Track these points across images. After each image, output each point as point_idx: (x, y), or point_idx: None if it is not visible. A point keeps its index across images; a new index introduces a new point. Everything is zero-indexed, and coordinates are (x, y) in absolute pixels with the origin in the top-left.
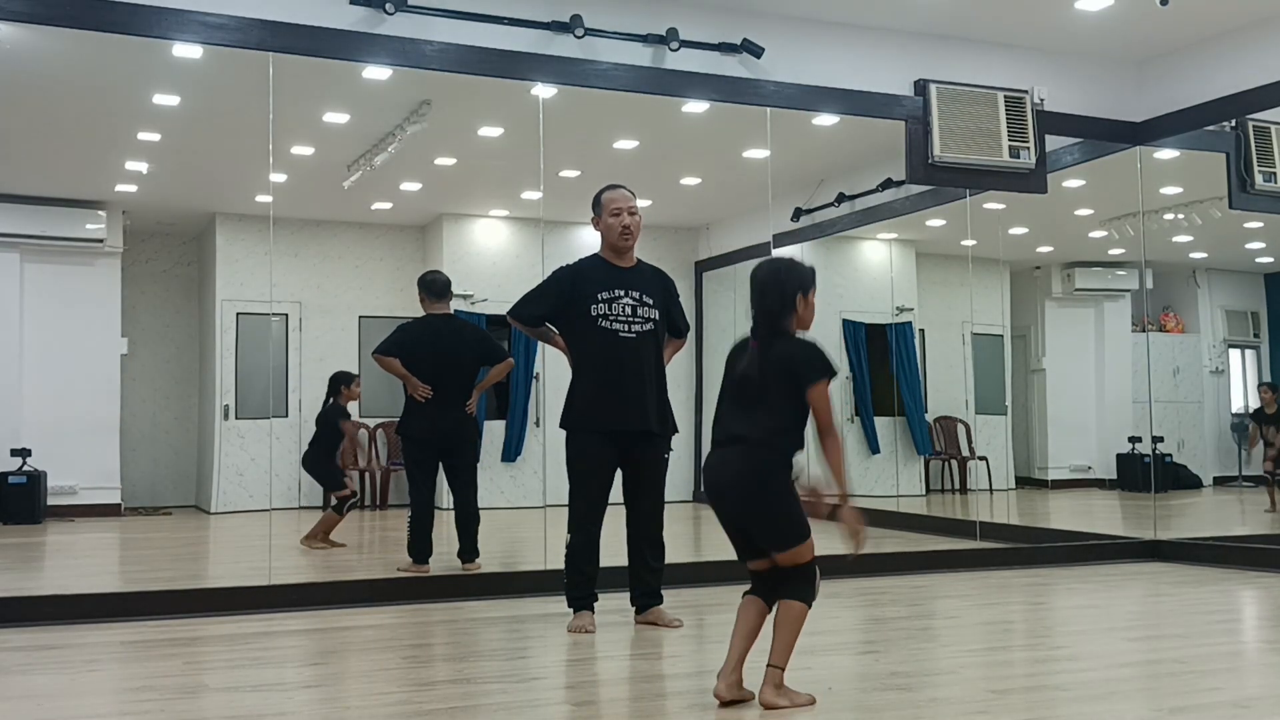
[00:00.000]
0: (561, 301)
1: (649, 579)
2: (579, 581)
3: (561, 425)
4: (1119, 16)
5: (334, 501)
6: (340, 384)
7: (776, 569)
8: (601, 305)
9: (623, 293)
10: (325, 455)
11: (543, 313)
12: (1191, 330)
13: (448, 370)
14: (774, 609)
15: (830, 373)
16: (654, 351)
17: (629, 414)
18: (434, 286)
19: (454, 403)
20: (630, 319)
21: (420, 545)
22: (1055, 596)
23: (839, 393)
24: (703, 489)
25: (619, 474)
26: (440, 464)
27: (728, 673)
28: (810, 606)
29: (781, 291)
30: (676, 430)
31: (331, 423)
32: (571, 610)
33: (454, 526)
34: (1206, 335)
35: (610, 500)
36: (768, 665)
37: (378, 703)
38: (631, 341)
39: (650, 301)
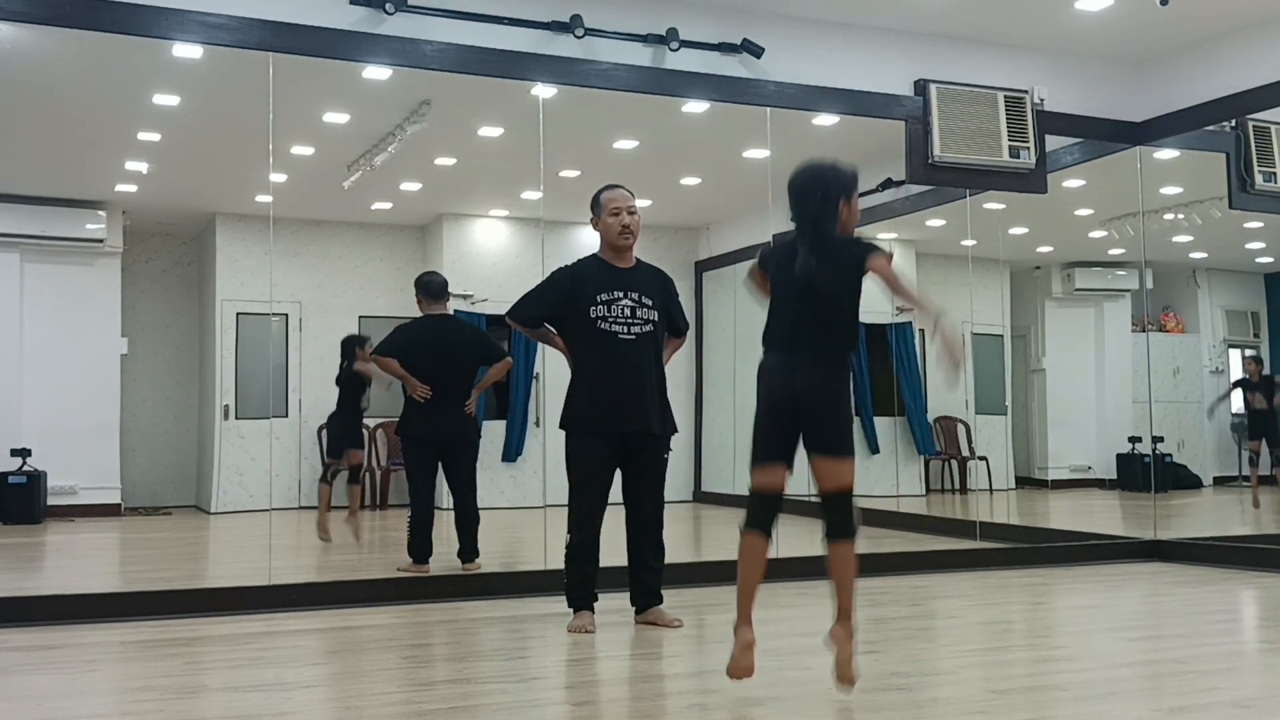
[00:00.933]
0: (560, 302)
1: (649, 579)
2: (579, 581)
3: (561, 426)
4: (1119, 16)
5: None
6: (354, 346)
7: (824, 496)
8: (600, 307)
9: (622, 294)
10: (339, 416)
11: (541, 314)
12: (1191, 330)
13: (446, 370)
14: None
15: (882, 250)
16: (653, 352)
17: (629, 415)
18: (431, 287)
19: (453, 403)
20: (629, 320)
21: (420, 545)
22: (1055, 596)
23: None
24: (762, 385)
25: (619, 474)
26: (440, 464)
27: (744, 637)
28: (855, 540)
29: (825, 193)
30: (676, 430)
31: (350, 378)
32: (571, 610)
33: (454, 526)
34: (1206, 335)
35: (610, 500)
36: (841, 620)
37: (378, 703)
38: (631, 343)
39: (650, 302)
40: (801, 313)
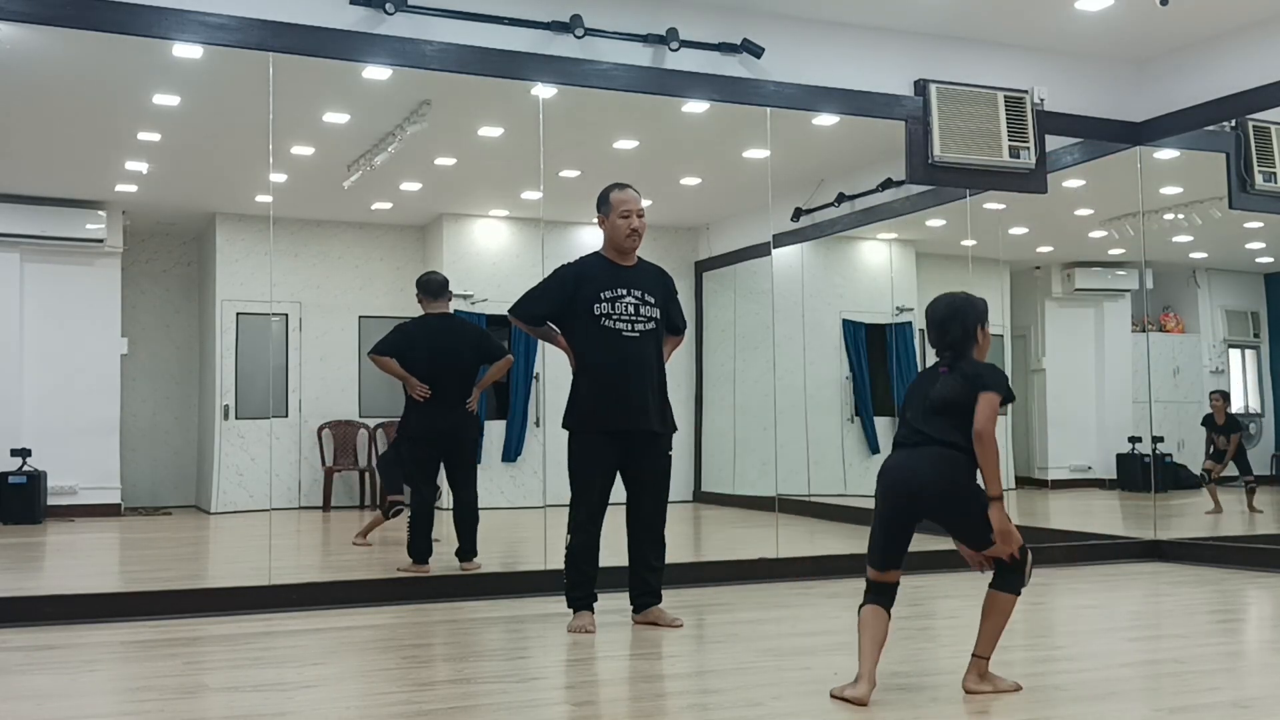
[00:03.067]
0: (564, 300)
1: (649, 578)
2: (579, 581)
3: (564, 425)
4: (1119, 16)
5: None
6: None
7: (998, 562)
8: (605, 305)
9: (625, 291)
10: (393, 454)
11: (545, 311)
12: (1191, 330)
13: (447, 369)
14: (986, 599)
15: (1005, 393)
16: (655, 351)
17: (632, 414)
18: (430, 286)
19: (454, 402)
20: (634, 318)
21: (420, 545)
22: (1055, 596)
23: (839, 392)
24: (883, 486)
25: (620, 474)
26: (441, 464)
27: (867, 679)
28: (1019, 595)
29: (964, 324)
30: (676, 429)
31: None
32: (571, 610)
33: (453, 526)
34: (1206, 335)
35: (611, 500)
36: (974, 655)
37: (378, 703)
38: (635, 341)
39: (652, 300)
40: (920, 418)
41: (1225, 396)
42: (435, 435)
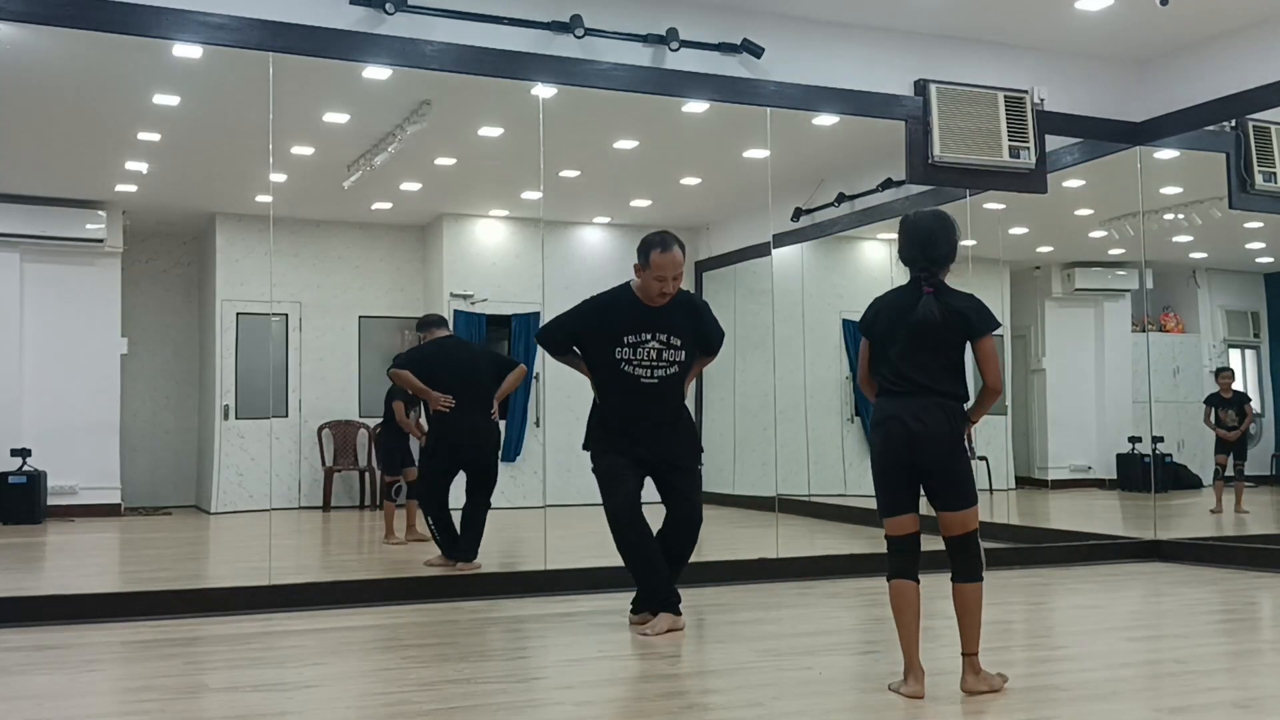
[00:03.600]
0: (588, 332)
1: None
2: (647, 574)
3: (585, 448)
4: (1119, 16)
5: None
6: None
7: (950, 540)
8: (626, 350)
9: (649, 336)
10: (385, 435)
11: (569, 342)
12: (1191, 330)
13: (469, 385)
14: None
15: (997, 325)
16: (674, 393)
17: (648, 447)
18: (434, 319)
19: (476, 415)
20: (654, 364)
21: (453, 542)
22: (1055, 596)
23: (839, 392)
24: (879, 433)
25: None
26: (462, 470)
27: (917, 673)
28: (982, 581)
29: (950, 239)
30: (702, 450)
31: (387, 401)
32: (648, 612)
33: (459, 524)
34: (1206, 335)
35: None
36: (964, 655)
37: (378, 703)
38: (653, 388)
39: (678, 342)
40: (912, 358)
41: (1231, 374)
42: (461, 446)
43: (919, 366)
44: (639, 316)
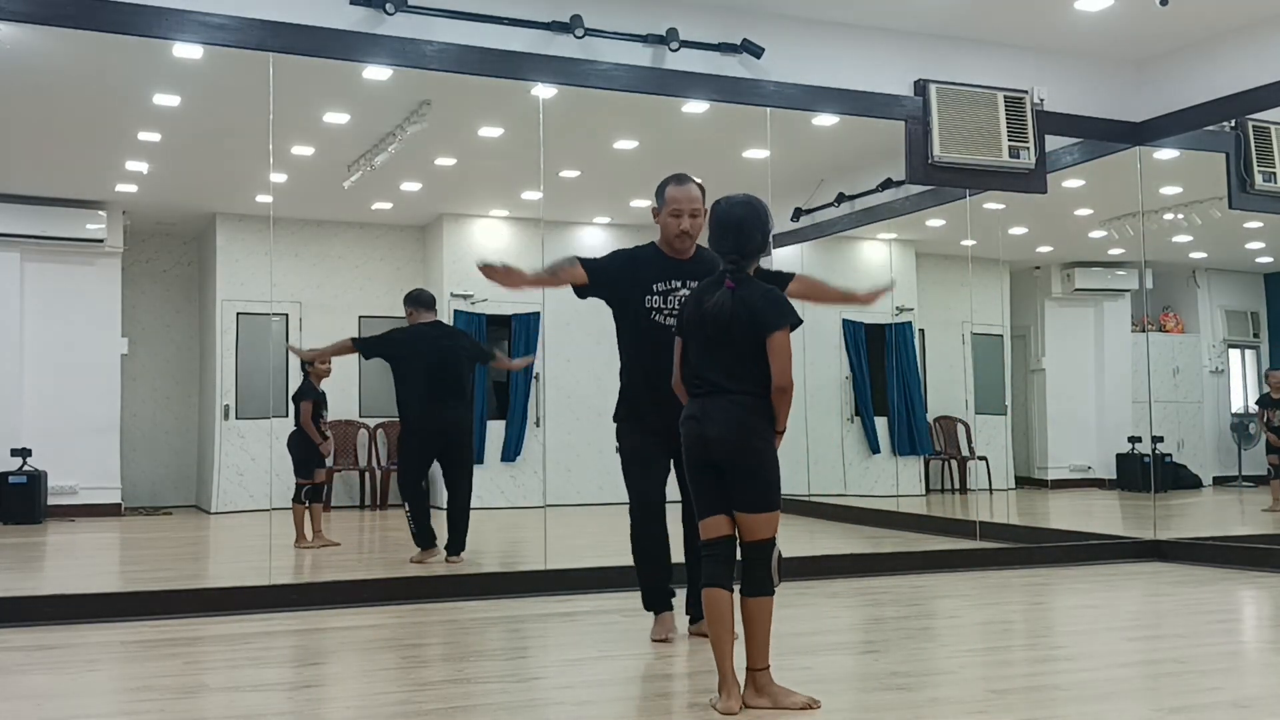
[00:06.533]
0: (620, 275)
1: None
2: (652, 573)
3: (615, 419)
4: (1119, 16)
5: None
6: (305, 364)
7: (743, 547)
8: (656, 298)
9: (680, 284)
10: (295, 436)
11: (599, 275)
12: (1191, 330)
13: (445, 370)
14: (738, 606)
15: (794, 320)
16: None
17: (677, 411)
18: (424, 298)
19: (451, 401)
20: None
21: (426, 531)
22: (1055, 596)
23: (839, 392)
24: (681, 434)
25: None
26: (437, 460)
27: (730, 687)
28: (773, 595)
29: (764, 228)
30: None
31: (295, 402)
32: (653, 614)
33: (445, 520)
34: (1206, 335)
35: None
36: (750, 670)
37: (377, 703)
38: None
39: None
40: (705, 357)
41: None
42: (434, 431)
43: (713, 364)
44: (667, 266)
